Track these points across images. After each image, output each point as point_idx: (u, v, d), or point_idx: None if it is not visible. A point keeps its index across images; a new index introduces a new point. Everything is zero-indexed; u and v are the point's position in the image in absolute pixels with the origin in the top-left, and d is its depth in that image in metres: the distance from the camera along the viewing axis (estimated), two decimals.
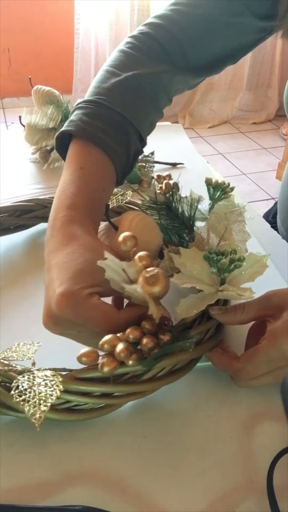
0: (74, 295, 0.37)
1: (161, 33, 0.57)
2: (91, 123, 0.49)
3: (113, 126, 0.50)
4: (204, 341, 0.44)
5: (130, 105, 0.52)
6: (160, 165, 0.83)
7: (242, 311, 0.44)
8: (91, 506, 0.35)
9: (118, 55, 0.56)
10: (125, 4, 2.77)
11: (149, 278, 0.37)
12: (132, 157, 0.53)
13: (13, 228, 0.63)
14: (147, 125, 0.56)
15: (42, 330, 0.42)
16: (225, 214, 0.48)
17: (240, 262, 0.41)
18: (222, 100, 3.24)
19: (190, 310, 0.42)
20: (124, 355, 0.36)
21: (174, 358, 0.41)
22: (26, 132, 0.82)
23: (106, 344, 0.37)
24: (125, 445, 0.40)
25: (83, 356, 0.38)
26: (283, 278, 0.59)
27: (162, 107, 0.59)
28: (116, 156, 0.50)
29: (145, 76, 0.55)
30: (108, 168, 0.50)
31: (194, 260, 0.44)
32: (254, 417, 0.43)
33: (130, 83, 0.53)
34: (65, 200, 0.44)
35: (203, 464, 0.39)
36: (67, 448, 0.40)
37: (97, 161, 0.49)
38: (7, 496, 0.36)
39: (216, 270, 0.42)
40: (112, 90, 0.52)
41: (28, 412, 0.36)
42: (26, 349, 0.43)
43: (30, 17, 2.87)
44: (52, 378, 0.38)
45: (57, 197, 0.45)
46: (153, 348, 0.38)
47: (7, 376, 0.40)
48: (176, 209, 0.54)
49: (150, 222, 0.49)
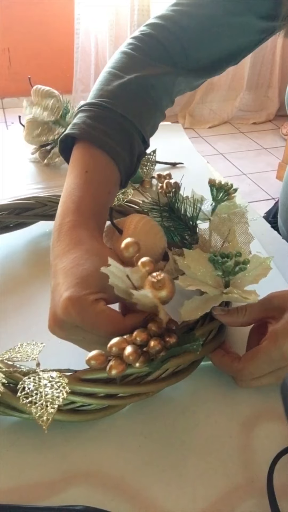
0: (81, 301, 0.37)
1: (163, 34, 0.57)
2: (95, 126, 0.49)
3: (117, 129, 0.50)
4: (207, 342, 0.44)
5: (133, 107, 0.52)
6: (160, 165, 0.83)
7: (244, 313, 0.44)
8: (91, 506, 0.35)
9: (120, 56, 0.56)
10: (125, 4, 2.77)
11: (156, 283, 0.37)
12: (136, 160, 0.53)
13: (12, 226, 0.63)
14: (150, 127, 0.56)
15: (42, 329, 0.42)
16: (228, 216, 0.48)
17: (245, 265, 0.41)
18: (222, 100, 3.24)
19: (195, 312, 0.42)
20: (133, 358, 0.37)
21: (178, 359, 0.41)
22: (25, 130, 0.82)
23: (114, 347, 0.37)
24: (125, 445, 0.40)
25: (92, 359, 0.37)
26: (283, 278, 0.59)
27: (164, 108, 0.59)
28: (120, 159, 0.50)
29: (148, 78, 0.55)
30: (113, 171, 0.50)
31: (198, 262, 0.44)
32: (254, 417, 0.43)
33: (133, 85, 0.53)
34: (71, 205, 0.44)
35: (203, 464, 0.39)
36: (67, 448, 0.40)
37: (102, 165, 0.49)
38: (7, 496, 0.36)
39: (221, 272, 0.42)
40: (115, 93, 0.52)
41: (36, 414, 0.36)
42: (30, 350, 0.43)
43: (30, 17, 2.87)
44: (58, 379, 0.38)
45: (63, 202, 0.46)
46: (161, 350, 0.38)
47: (12, 377, 0.40)
48: (178, 210, 0.54)
49: (155, 225, 0.48)
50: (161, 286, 0.37)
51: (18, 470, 0.38)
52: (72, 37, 2.89)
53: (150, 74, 0.55)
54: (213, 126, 3.16)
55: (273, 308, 0.43)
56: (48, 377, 0.39)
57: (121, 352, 0.37)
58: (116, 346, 0.37)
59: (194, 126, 3.12)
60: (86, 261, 0.39)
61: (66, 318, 0.37)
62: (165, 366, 0.40)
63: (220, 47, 0.60)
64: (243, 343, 0.47)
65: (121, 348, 0.37)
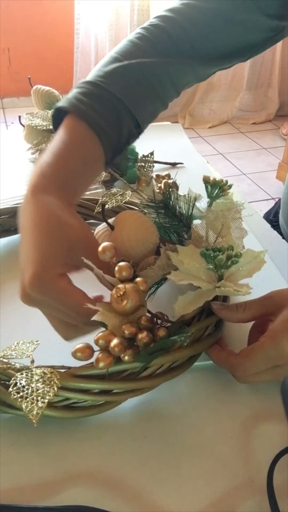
0: (43, 277, 0.37)
1: (172, 26, 0.58)
2: (84, 101, 0.49)
3: (106, 106, 0.50)
4: (203, 338, 0.44)
5: (128, 89, 0.53)
6: (160, 165, 0.83)
7: (243, 309, 0.44)
8: (91, 506, 0.35)
9: (125, 44, 0.57)
10: (125, 4, 2.77)
11: (118, 298, 0.38)
12: (124, 140, 0.53)
13: (13, 230, 0.63)
14: (146, 113, 0.55)
15: (42, 330, 0.42)
16: (222, 212, 0.48)
17: (237, 258, 0.42)
18: (222, 100, 3.24)
19: (188, 307, 0.43)
20: (118, 349, 0.37)
21: (172, 355, 0.41)
22: (26, 132, 0.82)
23: (100, 339, 0.37)
24: (125, 445, 0.40)
25: (77, 351, 0.38)
26: (283, 277, 0.59)
27: (167, 99, 0.59)
28: (104, 134, 0.50)
29: (149, 65, 0.55)
30: (94, 144, 0.49)
31: (192, 258, 0.44)
32: (254, 417, 0.43)
33: (132, 69, 0.53)
34: (38, 170, 0.45)
35: (203, 464, 0.39)
36: (67, 448, 0.40)
37: (82, 137, 0.49)
38: (7, 496, 0.36)
39: (213, 266, 0.42)
40: (112, 74, 0.52)
41: (26, 408, 0.36)
42: (25, 348, 0.43)
43: (30, 17, 2.87)
44: (50, 375, 0.39)
45: (35, 165, 0.46)
46: (149, 343, 0.39)
47: (6, 374, 0.40)
48: (173, 207, 0.54)
49: (146, 220, 0.49)
50: (124, 299, 0.38)
51: (18, 470, 0.38)
52: (72, 37, 2.89)
53: (153, 62, 0.55)
54: (213, 126, 3.16)
55: (273, 305, 0.43)
56: (41, 373, 0.39)
57: (107, 345, 0.37)
58: (103, 338, 0.37)
59: (194, 126, 3.12)
60: (53, 233, 0.40)
61: (32, 293, 0.38)
62: (159, 362, 0.40)
63: (227, 42, 0.60)
64: (242, 342, 0.47)
65: (107, 340, 0.37)
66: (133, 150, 0.78)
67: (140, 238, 0.46)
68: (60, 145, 0.47)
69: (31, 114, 0.82)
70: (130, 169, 0.76)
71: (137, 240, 0.46)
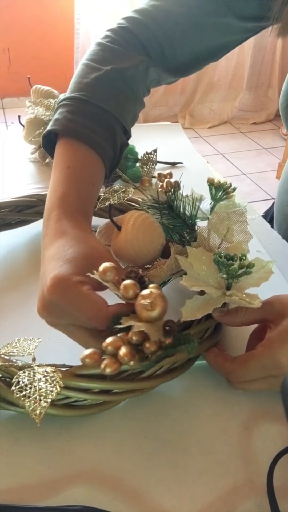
0: (64, 280, 0.37)
1: (140, 29, 0.57)
2: (75, 120, 0.50)
3: (97, 121, 0.51)
4: (202, 340, 0.44)
5: (112, 98, 0.53)
6: (161, 165, 0.83)
7: (243, 313, 0.44)
8: (91, 506, 0.35)
9: (97, 48, 0.57)
10: (125, 4, 2.77)
11: (147, 305, 0.36)
12: (118, 150, 0.54)
13: (14, 223, 0.63)
14: (130, 117, 0.56)
15: (43, 326, 0.42)
16: (227, 214, 0.48)
17: (250, 269, 0.41)
18: (222, 100, 3.24)
19: (196, 313, 0.42)
20: (128, 359, 0.36)
21: (172, 357, 0.41)
22: (25, 129, 0.82)
23: (109, 346, 0.37)
24: (125, 445, 0.40)
25: (86, 357, 0.37)
26: (284, 277, 0.59)
27: (142, 98, 0.60)
28: (102, 150, 0.50)
29: (125, 69, 0.55)
30: (96, 163, 0.50)
31: (201, 261, 0.44)
32: (254, 417, 0.43)
33: (110, 77, 0.53)
34: (56, 201, 0.45)
35: (203, 464, 0.39)
36: (67, 448, 0.40)
37: (84, 158, 0.49)
38: (7, 496, 0.36)
39: (226, 275, 0.42)
40: (94, 85, 0.52)
41: (29, 408, 0.36)
42: (26, 345, 0.43)
43: (30, 17, 2.87)
44: (53, 374, 0.39)
45: (49, 198, 0.47)
46: (156, 351, 0.38)
47: (8, 371, 0.40)
48: (177, 208, 0.54)
49: (153, 221, 0.49)
50: (153, 307, 0.37)
51: (18, 470, 0.38)
52: (72, 37, 2.89)
53: (126, 65, 0.55)
54: (213, 126, 3.16)
55: (273, 311, 0.43)
56: (43, 372, 0.39)
57: (116, 352, 0.37)
58: (112, 345, 0.37)
59: (194, 126, 3.12)
60: (70, 247, 0.40)
61: (50, 297, 0.37)
62: (159, 364, 0.40)
63: (198, 45, 0.59)
64: (241, 346, 0.47)
65: (116, 347, 0.37)
66: (132, 150, 0.78)
67: (148, 239, 0.46)
68: (69, 172, 0.48)
69: (33, 102, 0.81)
70: (130, 169, 0.76)
71: (145, 241, 0.46)
